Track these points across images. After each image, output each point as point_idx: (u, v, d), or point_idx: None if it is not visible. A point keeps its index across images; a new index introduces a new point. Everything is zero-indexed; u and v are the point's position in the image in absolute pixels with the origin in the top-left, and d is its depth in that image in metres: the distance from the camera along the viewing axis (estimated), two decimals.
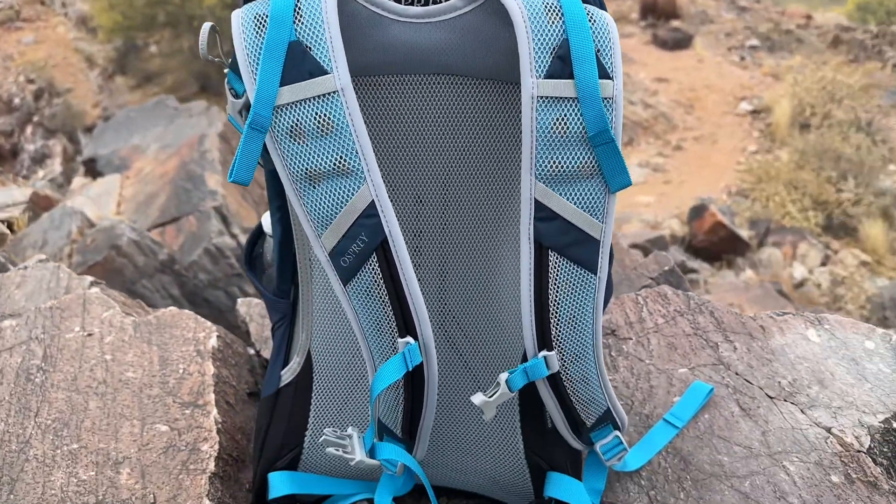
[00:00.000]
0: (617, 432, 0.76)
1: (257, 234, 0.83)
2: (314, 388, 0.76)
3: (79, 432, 0.86)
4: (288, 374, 0.76)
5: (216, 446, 0.83)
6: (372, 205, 0.59)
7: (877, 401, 0.88)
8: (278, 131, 0.59)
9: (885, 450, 0.85)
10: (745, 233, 5.22)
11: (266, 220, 0.80)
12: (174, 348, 0.97)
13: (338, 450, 0.65)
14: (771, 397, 0.90)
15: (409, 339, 0.62)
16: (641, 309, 1.05)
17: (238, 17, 0.61)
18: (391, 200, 0.62)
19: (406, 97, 0.65)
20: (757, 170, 6.85)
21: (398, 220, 0.61)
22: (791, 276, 5.00)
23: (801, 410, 0.88)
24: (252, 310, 1.13)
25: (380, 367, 0.63)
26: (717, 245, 4.96)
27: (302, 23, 0.58)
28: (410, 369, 0.62)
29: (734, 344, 0.97)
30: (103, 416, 0.88)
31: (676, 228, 5.42)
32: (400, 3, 0.64)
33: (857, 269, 5.38)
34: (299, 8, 0.59)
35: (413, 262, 0.69)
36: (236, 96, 0.65)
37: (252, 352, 1.06)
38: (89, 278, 1.15)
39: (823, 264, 5.29)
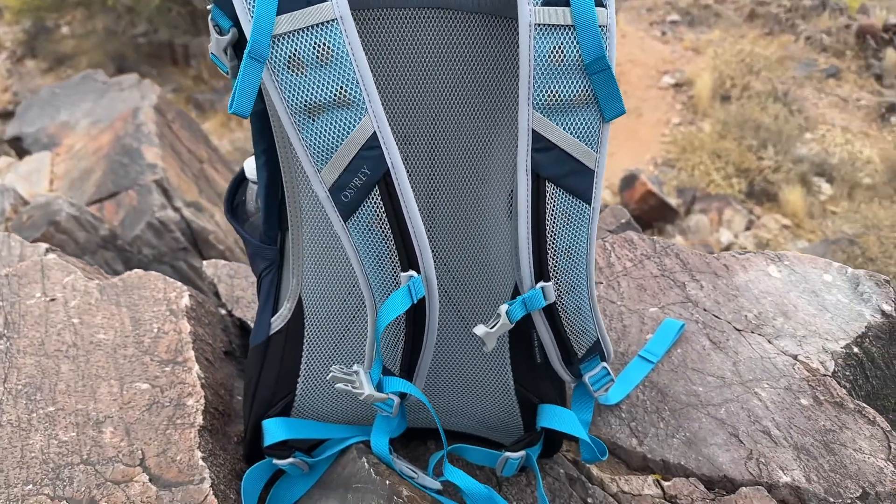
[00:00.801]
0: (604, 363, 0.78)
1: (238, 181, 0.82)
2: (306, 333, 0.75)
3: (53, 395, 0.84)
4: (278, 321, 0.75)
5: (202, 400, 0.82)
6: (374, 136, 0.59)
7: (837, 328, 0.93)
8: (275, 62, 0.58)
9: (847, 373, 0.90)
10: (673, 201, 5.38)
11: (248, 166, 0.78)
12: (145, 309, 0.95)
13: (346, 385, 0.65)
14: (739, 330, 0.94)
15: (413, 272, 0.62)
16: (609, 254, 1.08)
17: None
18: None
19: (398, 30, 0.65)
20: (681, 141, 7.05)
21: None
22: (718, 241, 5.19)
23: (768, 341, 0.93)
24: (219, 271, 1.11)
25: (384, 301, 0.63)
26: (647, 213, 5.10)
27: None
28: (415, 301, 0.62)
29: (700, 283, 1.01)
30: (78, 378, 0.85)
31: (608, 199, 5.54)
32: None
33: (780, 232, 5.63)
34: None
35: None
36: (221, 33, 0.64)
37: (223, 312, 1.04)
38: (44, 245, 1.10)
39: (748, 229, 5.51)
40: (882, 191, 6.76)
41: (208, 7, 0.65)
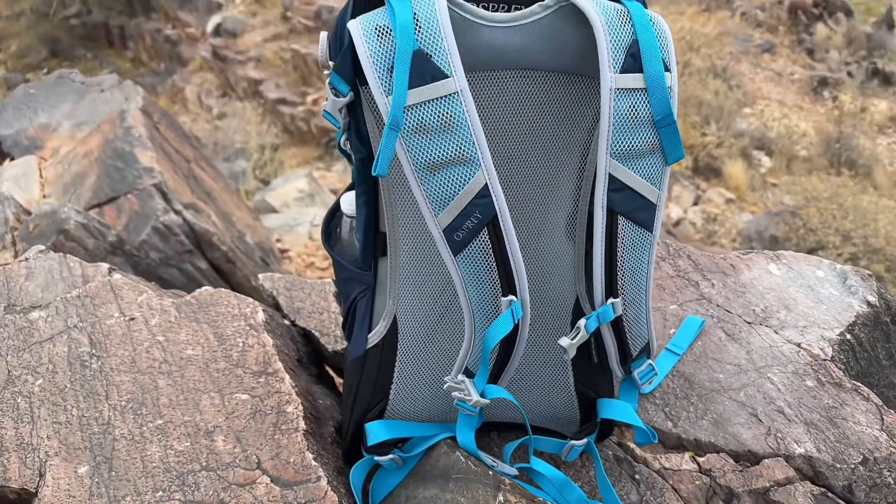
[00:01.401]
0: (650, 360, 0.91)
1: (332, 213, 0.92)
2: (399, 346, 0.86)
3: (158, 409, 0.93)
4: (375, 337, 0.86)
5: (300, 407, 0.92)
6: (485, 187, 0.70)
7: (832, 318, 1.08)
8: (405, 128, 0.68)
9: (841, 357, 1.05)
10: None
11: (346, 201, 0.88)
12: (225, 325, 1.04)
13: (460, 393, 0.76)
14: (749, 323, 1.09)
15: (512, 297, 0.74)
16: None
17: (357, 27, 0.69)
18: None
19: (492, 87, 0.76)
20: None
21: None
22: (669, 217, 5.42)
23: (775, 331, 1.08)
24: (276, 284, 1.20)
25: (491, 324, 0.74)
26: None
27: (421, 33, 0.68)
28: (517, 322, 0.74)
29: (711, 281, 1.15)
30: (178, 392, 0.95)
31: None
32: (487, 9, 0.74)
33: (727, 206, 5.91)
34: (417, 19, 0.68)
35: None
36: (338, 95, 0.74)
37: (288, 322, 1.14)
38: (105, 265, 1.18)
39: (696, 204, 5.76)
40: (817, 162, 7.12)
41: (326, 73, 0.75)
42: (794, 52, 9.72)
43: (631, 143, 0.73)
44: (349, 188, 0.89)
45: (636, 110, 0.72)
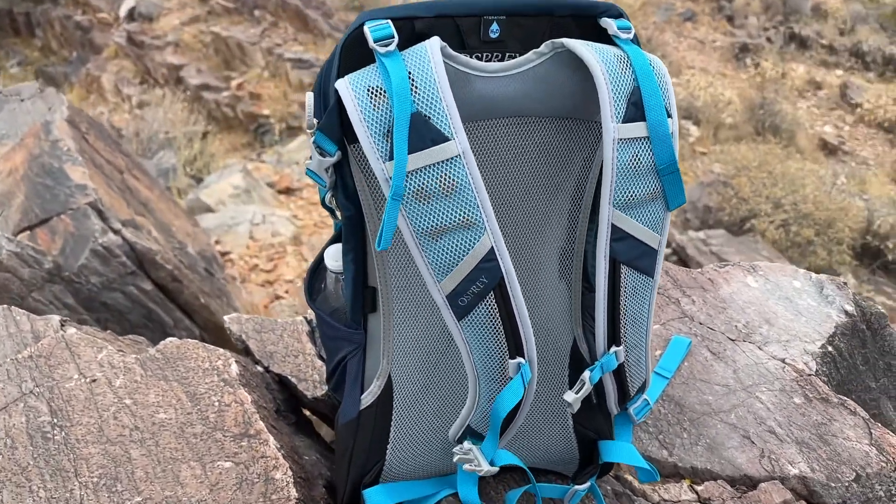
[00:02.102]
0: (644, 395, 0.89)
1: (315, 267, 0.86)
2: (395, 406, 0.82)
3: (134, 484, 0.86)
4: (368, 398, 0.82)
5: (289, 472, 0.87)
6: (491, 251, 0.66)
7: (812, 330, 1.09)
8: (406, 195, 0.63)
9: (824, 369, 1.06)
10: None
11: (330, 256, 0.83)
12: (197, 381, 0.97)
13: (471, 465, 0.73)
14: (732, 340, 1.09)
15: (520, 359, 0.71)
16: None
17: (346, 88, 0.63)
18: None
19: (482, 138, 0.71)
20: None
21: None
22: None
23: (759, 347, 1.08)
24: (245, 326, 1.13)
25: (502, 392, 0.71)
26: None
27: (418, 94, 0.63)
28: (526, 385, 0.71)
29: (692, 297, 1.14)
30: (154, 464, 0.88)
31: None
32: (480, 59, 0.69)
33: None
34: (412, 79, 0.63)
35: None
36: (323, 154, 0.69)
37: (261, 369, 1.08)
38: (56, 318, 1.09)
39: None
40: (743, 129, 7.32)
41: (310, 131, 0.69)
42: (715, 20, 9.93)
43: (633, 192, 0.70)
44: (332, 241, 0.83)
45: (639, 159, 0.69)
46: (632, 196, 0.71)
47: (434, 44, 0.64)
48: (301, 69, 8.18)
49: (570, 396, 0.76)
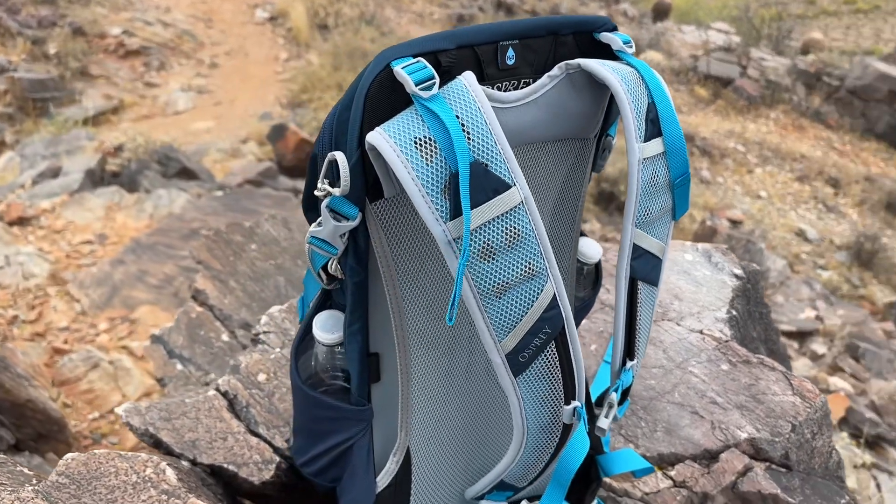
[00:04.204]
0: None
1: (301, 340, 0.72)
2: (414, 480, 0.73)
3: None
4: (385, 478, 0.72)
5: None
6: (554, 298, 0.60)
7: (715, 299, 1.17)
8: (471, 255, 0.55)
9: (732, 332, 1.14)
10: None
11: (320, 328, 0.70)
12: (132, 502, 0.79)
13: None
14: (654, 321, 1.13)
15: (576, 403, 0.66)
16: None
17: (388, 142, 0.53)
18: None
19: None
20: (300, 77, 7.12)
21: None
22: None
23: (677, 324, 1.13)
24: (148, 416, 0.94)
25: (568, 445, 0.66)
26: (304, 161, 5.15)
27: (472, 141, 0.54)
28: (587, 429, 0.67)
29: (605, 287, 1.17)
30: None
31: (257, 152, 5.45)
32: (501, 89, 0.62)
33: None
34: (463, 124, 0.54)
35: None
36: (338, 219, 0.58)
37: (186, 464, 0.90)
38: None
39: None
40: None
41: (320, 194, 0.57)
42: None
43: (651, 209, 0.69)
44: (319, 307, 0.71)
45: (657, 176, 0.68)
46: (649, 213, 0.69)
47: (473, 81, 0.56)
48: None
49: (604, 423, 0.73)
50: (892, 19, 12.41)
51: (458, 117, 0.54)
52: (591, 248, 0.85)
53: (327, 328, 0.69)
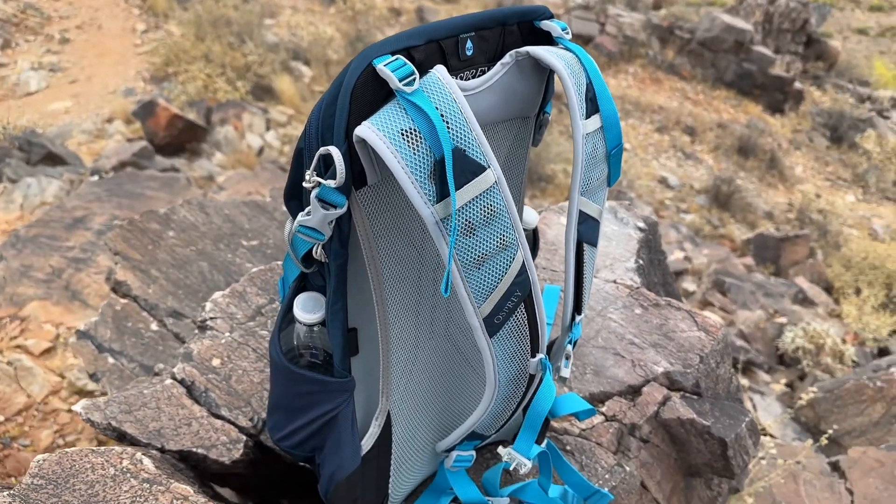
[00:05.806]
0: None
1: (283, 319, 0.76)
2: (394, 440, 0.79)
3: None
4: (369, 441, 0.78)
5: None
6: (523, 265, 0.68)
7: (624, 251, 1.29)
8: (456, 233, 0.61)
9: (641, 279, 1.27)
10: (192, 117, 5.30)
11: (301, 308, 0.74)
12: (113, 495, 0.81)
13: (520, 467, 0.75)
14: None
15: (540, 355, 0.74)
16: None
17: (376, 134, 0.58)
18: None
19: None
20: (162, 50, 6.79)
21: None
22: (250, 147, 5.37)
23: (594, 276, 1.24)
24: (109, 410, 0.94)
25: (538, 392, 0.74)
26: (178, 138, 4.97)
27: (451, 129, 0.60)
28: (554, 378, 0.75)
29: None
30: None
31: (125, 131, 5.20)
32: (463, 79, 0.68)
33: (289, 123, 6.04)
34: (442, 114, 0.60)
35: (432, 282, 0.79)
36: (327, 207, 0.63)
37: (157, 453, 0.92)
38: None
39: (269, 129, 5.78)
40: (347, 62, 7.62)
41: (309, 186, 0.62)
42: None
43: (592, 178, 0.77)
44: (298, 290, 0.75)
45: (596, 149, 0.76)
46: (591, 182, 0.77)
47: (445, 74, 0.62)
48: None
49: (566, 372, 0.82)
50: None
51: (437, 108, 0.60)
52: (529, 215, 0.93)
53: (308, 309, 0.74)
